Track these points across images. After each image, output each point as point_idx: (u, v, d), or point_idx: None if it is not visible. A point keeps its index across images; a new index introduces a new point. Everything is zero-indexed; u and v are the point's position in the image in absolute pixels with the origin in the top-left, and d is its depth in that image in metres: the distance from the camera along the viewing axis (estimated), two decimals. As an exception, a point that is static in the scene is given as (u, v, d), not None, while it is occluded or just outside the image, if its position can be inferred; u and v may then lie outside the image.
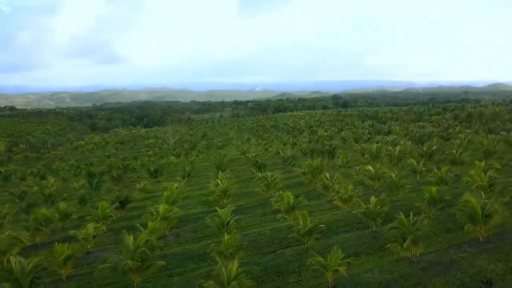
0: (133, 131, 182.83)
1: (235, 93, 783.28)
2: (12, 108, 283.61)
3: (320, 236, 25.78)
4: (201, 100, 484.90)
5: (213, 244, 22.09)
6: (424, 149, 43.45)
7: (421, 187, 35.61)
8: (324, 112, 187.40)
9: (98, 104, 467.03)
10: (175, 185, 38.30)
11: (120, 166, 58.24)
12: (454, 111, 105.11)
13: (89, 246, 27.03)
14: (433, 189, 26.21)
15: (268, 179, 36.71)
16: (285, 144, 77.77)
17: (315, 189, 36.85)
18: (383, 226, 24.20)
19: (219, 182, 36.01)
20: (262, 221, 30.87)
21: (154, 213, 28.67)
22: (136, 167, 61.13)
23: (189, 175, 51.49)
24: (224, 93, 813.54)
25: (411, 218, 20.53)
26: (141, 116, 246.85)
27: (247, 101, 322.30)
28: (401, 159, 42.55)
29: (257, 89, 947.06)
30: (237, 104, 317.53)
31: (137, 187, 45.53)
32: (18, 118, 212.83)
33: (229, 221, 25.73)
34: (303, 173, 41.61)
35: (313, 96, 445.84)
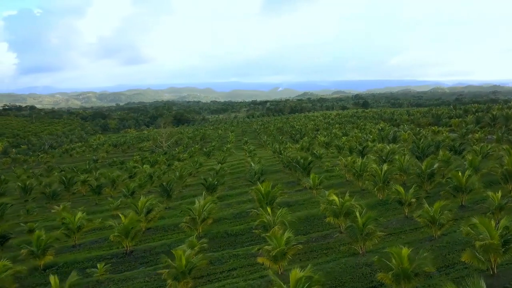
0: (144, 131, 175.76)
1: (257, 93, 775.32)
2: (32, 108, 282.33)
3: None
4: (223, 100, 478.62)
5: None
6: (423, 167, 32.17)
7: (406, 228, 25.05)
8: (340, 113, 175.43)
9: (121, 103, 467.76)
10: (78, 214, 28.48)
11: (64, 178, 48.77)
12: (477, 113, 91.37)
13: None
14: (405, 253, 15.63)
15: (195, 210, 26.35)
16: (274, 151, 67.10)
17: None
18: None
19: (121, 216, 25.75)
20: (154, 285, 20.71)
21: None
22: (88, 179, 51.59)
23: (133, 193, 41.64)
24: (246, 93, 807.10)
25: None
26: (155, 116, 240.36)
27: (266, 101, 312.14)
28: (388, 182, 31.41)
29: (279, 89, 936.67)
30: (254, 104, 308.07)
31: (53, 210, 35.91)
32: (30, 118, 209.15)
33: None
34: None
35: (335, 96, 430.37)
